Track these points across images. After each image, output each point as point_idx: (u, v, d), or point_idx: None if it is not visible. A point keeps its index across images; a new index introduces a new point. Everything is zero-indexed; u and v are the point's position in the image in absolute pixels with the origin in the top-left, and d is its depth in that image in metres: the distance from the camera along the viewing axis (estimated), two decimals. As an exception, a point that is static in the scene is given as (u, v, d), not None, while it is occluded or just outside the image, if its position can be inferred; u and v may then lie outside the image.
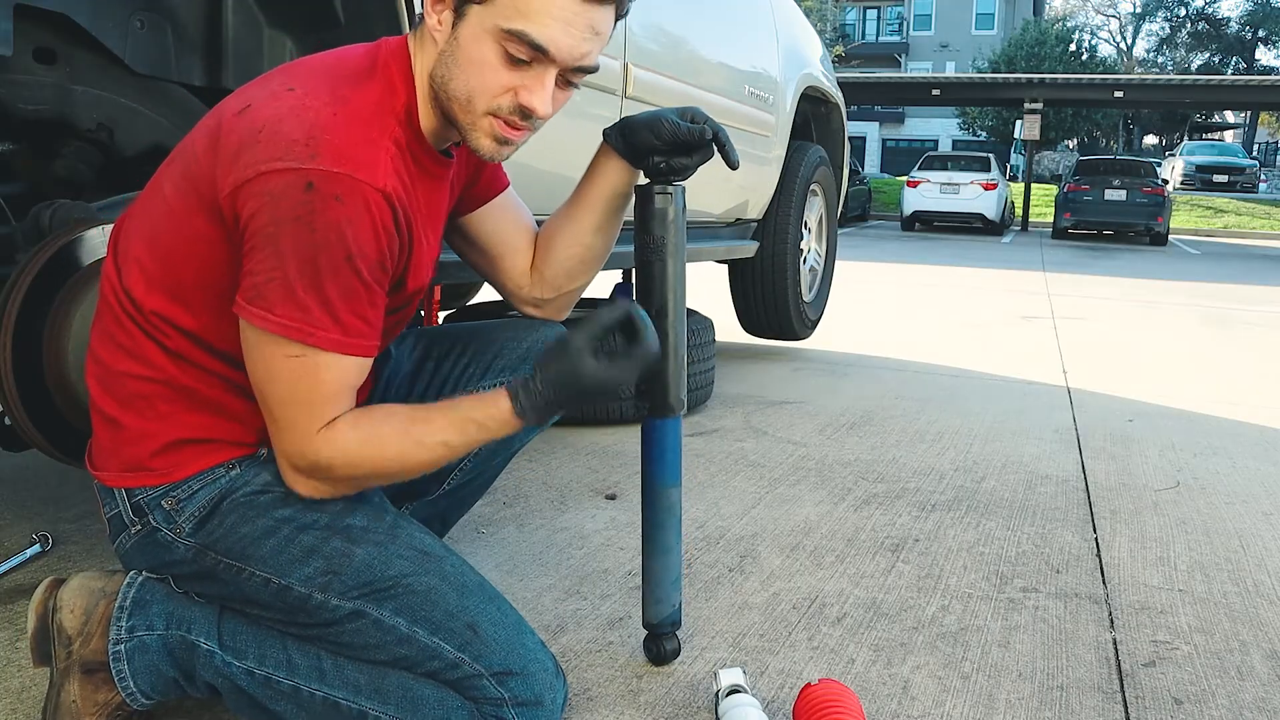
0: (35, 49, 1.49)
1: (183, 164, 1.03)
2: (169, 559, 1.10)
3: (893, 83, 22.57)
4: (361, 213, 0.96)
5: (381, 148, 1.00)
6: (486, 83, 1.02)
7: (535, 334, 1.37)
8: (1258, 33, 36.40)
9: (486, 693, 1.04)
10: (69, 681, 1.07)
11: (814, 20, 27.83)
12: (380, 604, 1.05)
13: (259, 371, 1.00)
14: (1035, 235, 16.58)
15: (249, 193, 0.94)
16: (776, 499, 2.13)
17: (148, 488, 1.07)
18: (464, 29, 1.02)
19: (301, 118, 0.96)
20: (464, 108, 1.04)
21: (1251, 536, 2.02)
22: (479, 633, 1.05)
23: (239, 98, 1.02)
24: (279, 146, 0.94)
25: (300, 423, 1.00)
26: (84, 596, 1.09)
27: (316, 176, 0.94)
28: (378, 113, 1.03)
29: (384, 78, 1.06)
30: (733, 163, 1.22)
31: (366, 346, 1.02)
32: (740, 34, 3.14)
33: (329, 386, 1.00)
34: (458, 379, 1.35)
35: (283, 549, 1.06)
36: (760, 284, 3.75)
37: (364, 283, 0.98)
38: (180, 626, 1.09)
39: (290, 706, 1.07)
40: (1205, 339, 5.09)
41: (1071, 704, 1.31)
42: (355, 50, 1.09)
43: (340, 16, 1.66)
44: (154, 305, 1.03)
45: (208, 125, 1.02)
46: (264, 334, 0.97)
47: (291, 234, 0.94)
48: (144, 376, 1.05)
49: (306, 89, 1.00)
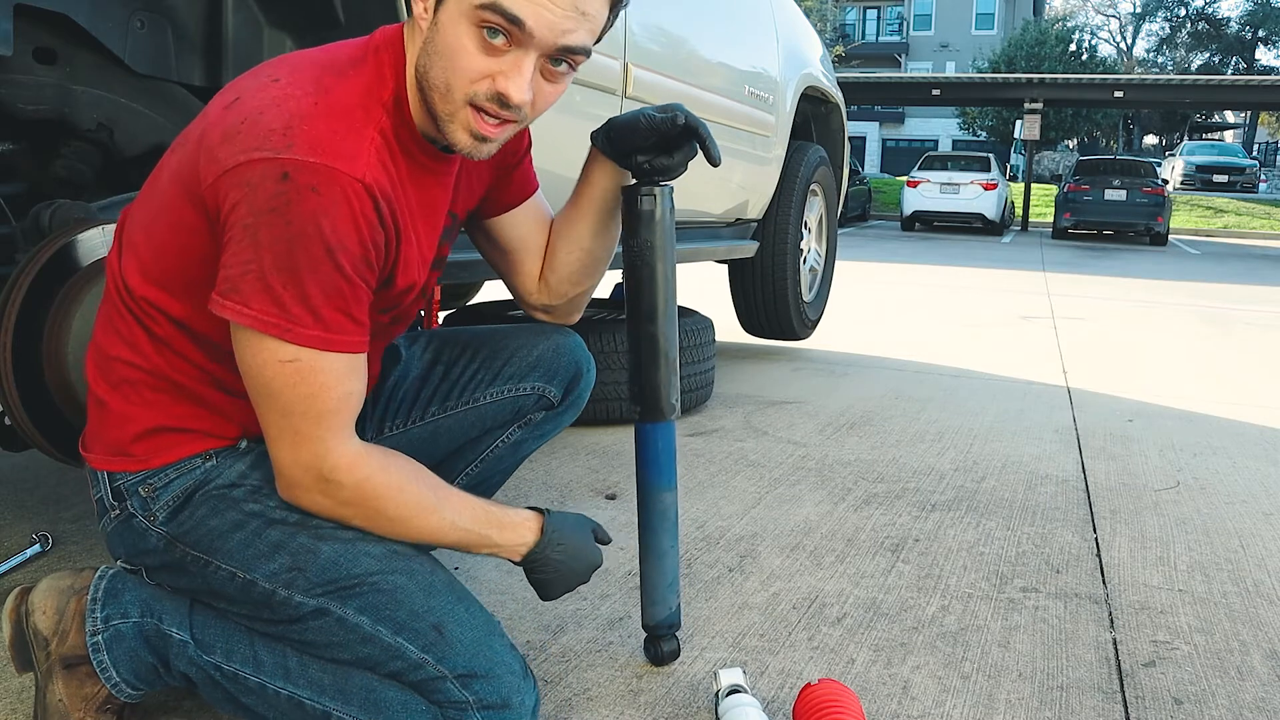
0: (35, 49, 1.48)
1: (179, 154, 1.03)
2: (143, 547, 1.09)
3: (893, 83, 22.56)
4: (339, 203, 0.93)
5: (365, 138, 0.98)
6: (462, 68, 0.98)
7: (546, 341, 1.37)
8: (1258, 33, 36.39)
9: (450, 695, 1.02)
10: (53, 682, 1.07)
11: (814, 20, 27.82)
12: (344, 602, 1.04)
13: (254, 378, 0.98)
14: (1035, 235, 16.58)
15: (228, 183, 0.93)
16: (776, 499, 2.13)
17: (127, 473, 1.07)
18: (443, 14, 0.98)
19: (282, 108, 0.95)
20: (442, 96, 1.00)
21: (1251, 536, 2.02)
22: (444, 634, 1.03)
23: (231, 89, 1.02)
24: (257, 136, 0.93)
25: (305, 430, 0.98)
26: (54, 596, 1.09)
27: (292, 166, 0.92)
28: (362, 102, 1.00)
29: (373, 66, 1.04)
30: (714, 159, 1.19)
31: (353, 342, 0.99)
32: (740, 34, 3.14)
33: (330, 390, 0.98)
34: (466, 384, 1.35)
35: (249, 543, 1.05)
36: (760, 284, 3.75)
37: (346, 279, 0.96)
38: (153, 616, 1.09)
39: (257, 702, 1.07)
40: (1205, 339, 5.09)
41: (1071, 704, 1.31)
42: (351, 42, 1.08)
43: (340, 16, 1.66)
44: (145, 292, 1.03)
45: (202, 116, 1.02)
46: (250, 336, 0.95)
47: (267, 225, 0.92)
48: (132, 363, 1.05)
49: (291, 80, 0.98)
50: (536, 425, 1.40)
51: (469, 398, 1.35)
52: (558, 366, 1.37)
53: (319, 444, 0.99)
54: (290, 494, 1.03)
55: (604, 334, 2.59)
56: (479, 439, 1.39)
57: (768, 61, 3.32)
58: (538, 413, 1.39)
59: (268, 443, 1.01)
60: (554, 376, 1.37)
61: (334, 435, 0.99)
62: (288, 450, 1.00)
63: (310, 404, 0.97)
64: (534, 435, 1.41)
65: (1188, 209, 20.84)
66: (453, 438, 1.37)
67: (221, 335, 1.01)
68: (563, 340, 1.37)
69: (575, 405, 1.42)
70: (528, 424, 1.39)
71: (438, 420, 1.35)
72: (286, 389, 0.96)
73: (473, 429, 1.37)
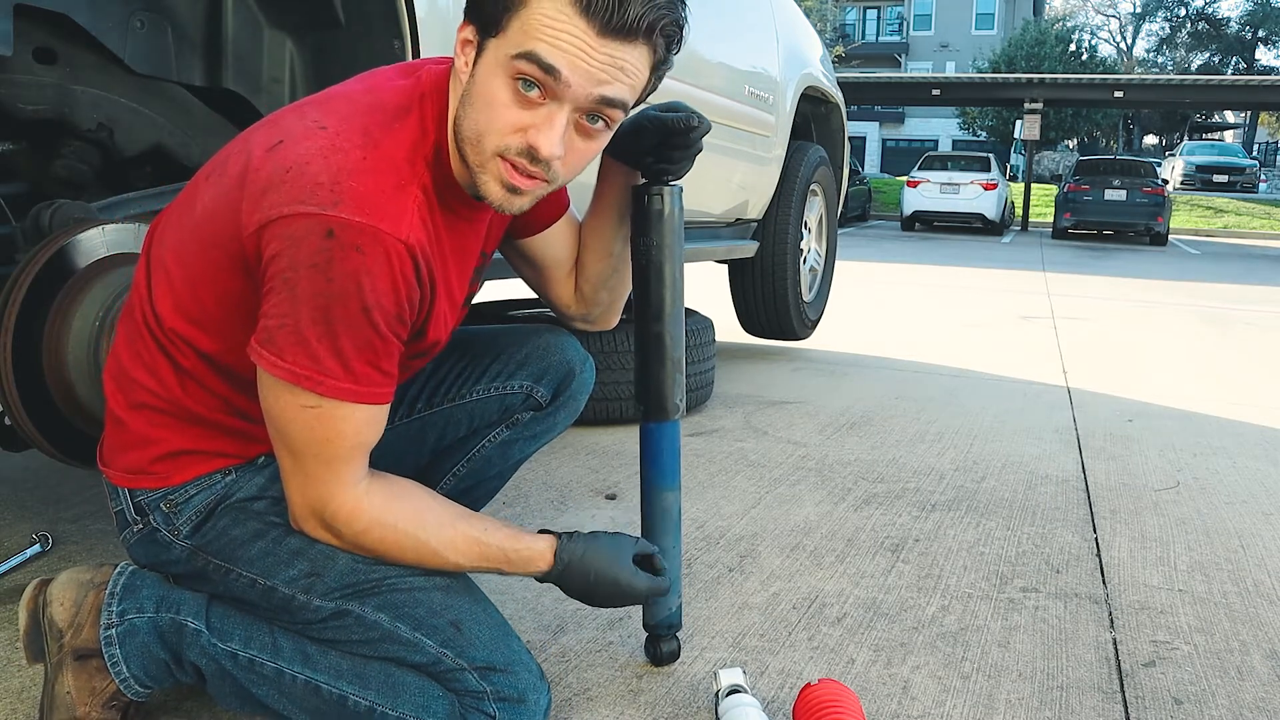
0: (35, 49, 1.48)
1: (217, 188, 1.01)
2: (166, 558, 1.12)
3: (893, 83, 22.57)
4: (381, 264, 0.93)
5: (409, 195, 0.97)
6: (495, 120, 0.97)
7: (536, 340, 1.36)
8: (1258, 33, 36.39)
9: (468, 684, 1.04)
10: (63, 673, 1.08)
11: (814, 20, 27.83)
12: (363, 601, 1.06)
13: (275, 419, 0.99)
14: (1035, 235, 16.58)
15: (271, 234, 0.93)
16: (776, 499, 2.13)
17: (148, 489, 1.09)
18: (481, 67, 0.98)
19: (329, 160, 0.94)
20: (474, 147, 0.99)
21: (1251, 536, 2.02)
22: (462, 630, 1.06)
23: (273, 129, 1.00)
24: (304, 189, 0.92)
25: (314, 473, 1.00)
26: (73, 589, 1.10)
27: (338, 224, 0.91)
28: (409, 157, 0.99)
29: (418, 118, 1.02)
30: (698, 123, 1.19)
31: (380, 394, 1.00)
32: (740, 34, 3.14)
33: (346, 439, 0.99)
34: (453, 382, 1.35)
35: (270, 551, 1.07)
36: (760, 284, 3.75)
37: (380, 335, 0.96)
38: (170, 609, 1.10)
39: (272, 691, 1.08)
40: (1205, 339, 5.09)
41: (1071, 704, 1.31)
42: (396, 82, 1.05)
43: (340, 16, 1.65)
44: (175, 324, 1.03)
45: (241, 153, 1.00)
46: (276, 380, 0.96)
47: (308, 280, 0.92)
48: (153, 391, 1.06)
49: (339, 130, 0.97)
50: (525, 426, 1.38)
51: (455, 394, 1.34)
52: (547, 366, 1.35)
53: (324, 487, 1.01)
54: (298, 526, 1.06)
55: (604, 334, 2.59)
56: (466, 438, 1.38)
57: (768, 61, 3.32)
58: (525, 413, 1.37)
59: (281, 475, 1.04)
60: (543, 376, 1.35)
61: (339, 482, 1.01)
62: (296, 488, 1.03)
63: (323, 449, 0.99)
64: (524, 437, 1.39)
65: (1188, 209, 20.84)
66: (439, 435, 1.37)
67: (247, 369, 1.02)
68: (554, 339, 1.36)
69: (568, 407, 1.40)
70: (515, 424, 1.38)
71: (424, 416, 1.35)
72: (304, 431, 0.98)
73: (459, 427, 1.36)
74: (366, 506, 1.03)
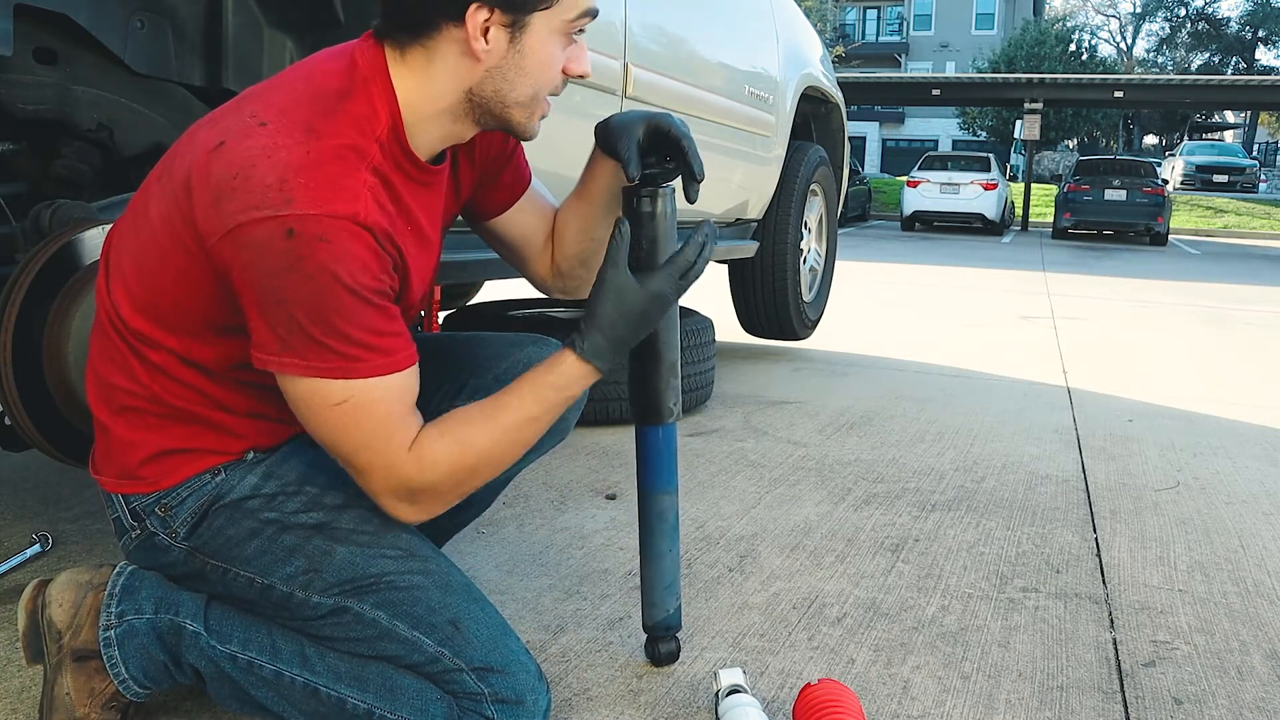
0: (35, 49, 1.48)
1: (168, 194, 1.00)
2: (166, 560, 1.12)
3: (893, 83, 22.57)
4: (348, 246, 0.94)
5: (358, 179, 0.97)
6: (552, 72, 1.08)
7: (518, 354, 1.33)
8: (1258, 33, 36.39)
9: (466, 686, 1.04)
10: (61, 674, 1.08)
11: (814, 20, 27.82)
12: (361, 599, 1.06)
13: (319, 431, 1.00)
14: (1035, 235, 16.58)
15: (234, 244, 0.93)
16: (776, 499, 2.13)
17: (140, 494, 1.09)
18: (528, 39, 1.04)
19: (274, 159, 0.94)
20: (526, 106, 1.08)
21: (1251, 536, 2.02)
22: (461, 629, 1.05)
23: (213, 128, 0.99)
24: (254, 194, 0.92)
25: (380, 461, 1.01)
26: (72, 590, 1.11)
27: (295, 221, 0.92)
28: (354, 141, 0.99)
29: (364, 100, 1.02)
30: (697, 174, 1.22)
31: (405, 357, 1.01)
32: (740, 34, 3.14)
33: (389, 414, 0.99)
34: (430, 396, 1.30)
35: (266, 549, 1.07)
36: (760, 284, 3.75)
37: (375, 306, 0.97)
38: (169, 610, 1.10)
39: (270, 694, 1.08)
40: (1205, 339, 5.09)
41: (1071, 704, 1.31)
42: (329, 65, 1.05)
43: (340, 16, 1.65)
44: (137, 325, 1.04)
45: (186, 156, 1.00)
46: (305, 384, 0.96)
47: (290, 285, 0.93)
48: (131, 391, 1.06)
49: (278, 124, 0.97)
50: None
51: (433, 410, 1.32)
52: None
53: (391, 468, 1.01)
54: (397, 516, 1.05)
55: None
56: None
57: (768, 61, 3.32)
58: None
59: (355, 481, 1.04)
60: None
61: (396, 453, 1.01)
62: (376, 483, 1.03)
63: (372, 436, 1.00)
64: None
65: (1188, 209, 20.84)
66: None
67: (218, 363, 1.03)
68: (536, 353, 1.33)
69: (555, 428, 1.32)
70: None
71: None
72: (350, 428, 0.99)
73: None
74: (428, 450, 1.02)
